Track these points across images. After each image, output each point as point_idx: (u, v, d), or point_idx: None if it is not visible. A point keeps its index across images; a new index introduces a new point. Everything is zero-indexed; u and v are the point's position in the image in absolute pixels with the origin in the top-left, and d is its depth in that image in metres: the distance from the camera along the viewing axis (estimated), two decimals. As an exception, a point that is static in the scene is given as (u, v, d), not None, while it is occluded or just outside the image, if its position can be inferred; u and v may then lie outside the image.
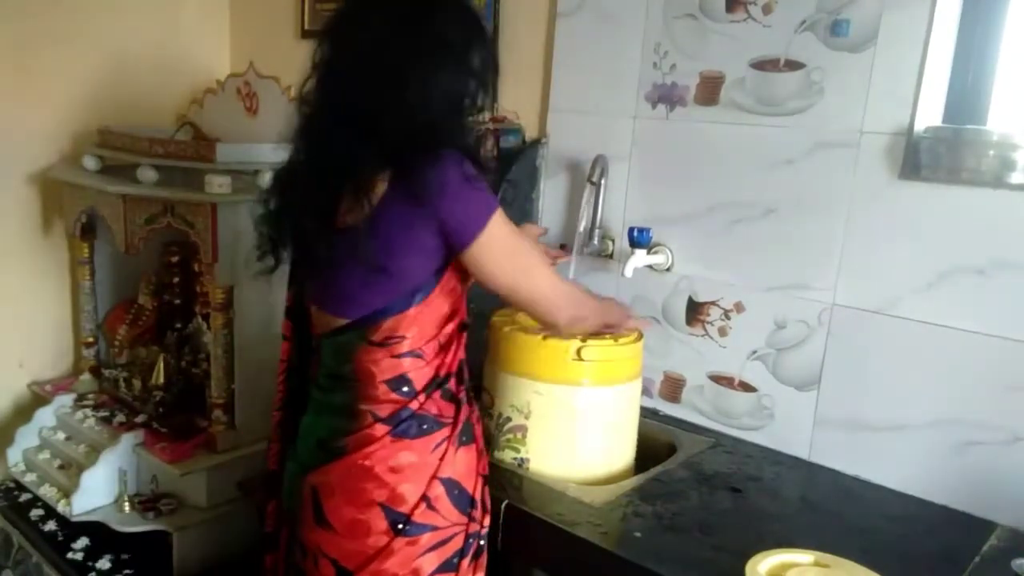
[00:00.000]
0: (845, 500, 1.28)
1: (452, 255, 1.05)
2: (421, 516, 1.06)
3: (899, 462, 1.31)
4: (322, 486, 1.09)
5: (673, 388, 1.58)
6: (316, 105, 1.06)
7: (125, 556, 1.71)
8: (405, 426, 1.06)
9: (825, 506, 1.27)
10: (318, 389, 1.15)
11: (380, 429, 1.06)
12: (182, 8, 2.23)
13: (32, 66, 1.96)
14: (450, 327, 1.10)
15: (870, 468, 1.34)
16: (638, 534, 1.13)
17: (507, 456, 1.32)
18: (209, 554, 1.72)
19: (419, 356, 1.07)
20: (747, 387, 1.48)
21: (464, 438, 1.12)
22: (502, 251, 1.05)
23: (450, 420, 1.10)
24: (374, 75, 1.00)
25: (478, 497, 1.13)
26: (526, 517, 1.18)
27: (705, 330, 1.53)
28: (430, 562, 1.07)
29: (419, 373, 1.07)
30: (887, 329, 1.30)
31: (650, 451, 1.45)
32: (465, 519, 1.11)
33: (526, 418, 1.30)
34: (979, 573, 1.09)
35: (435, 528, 1.07)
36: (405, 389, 1.07)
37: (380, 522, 1.05)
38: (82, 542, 1.74)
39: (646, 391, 1.62)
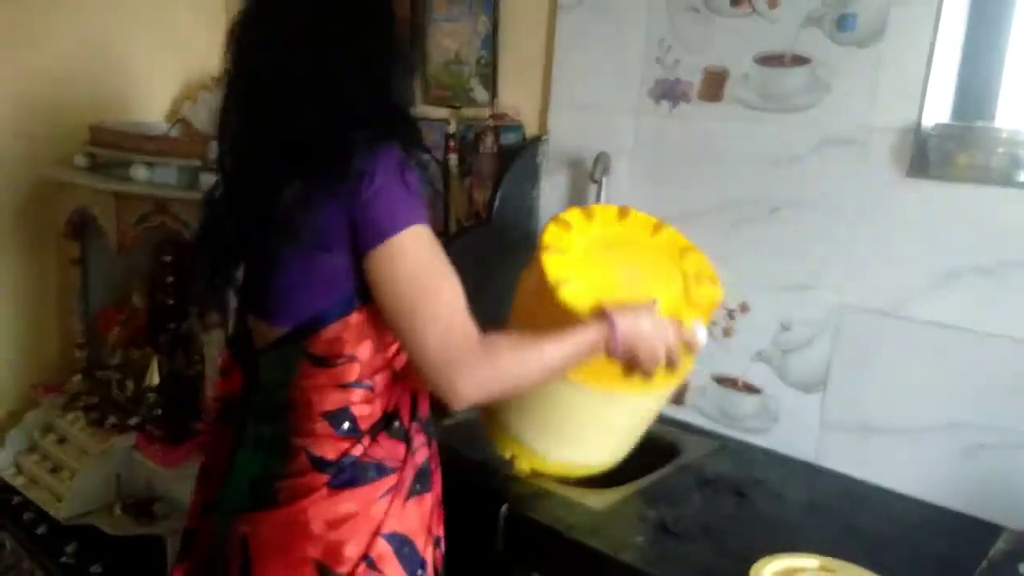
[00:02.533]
0: (851, 504, 1.26)
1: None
2: None
3: (906, 465, 1.29)
4: (251, 537, 0.95)
5: (677, 390, 1.56)
6: (243, 89, 0.96)
7: (117, 561, 1.69)
8: (347, 476, 0.92)
9: (831, 510, 1.25)
10: (252, 418, 1.00)
11: (318, 479, 0.92)
12: (176, 5, 2.21)
13: (23, 62, 1.93)
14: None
15: (877, 471, 1.32)
16: (640, 538, 1.11)
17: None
18: (203, 558, 1.70)
19: (368, 388, 0.94)
20: (752, 389, 1.46)
21: (417, 486, 0.98)
22: (402, 270, 0.87)
23: (398, 464, 0.96)
24: (312, 51, 0.90)
25: (428, 558, 0.99)
26: (526, 521, 1.16)
27: (709, 331, 1.50)
28: None
29: (365, 410, 0.94)
30: (895, 330, 1.28)
31: (653, 454, 1.43)
32: None
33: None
34: (988, 578, 1.07)
35: None
36: (346, 426, 0.93)
37: None
38: (74, 546, 1.72)
39: (648, 392, 1.60)
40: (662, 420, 1.55)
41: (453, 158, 1.82)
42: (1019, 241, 1.17)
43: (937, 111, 1.25)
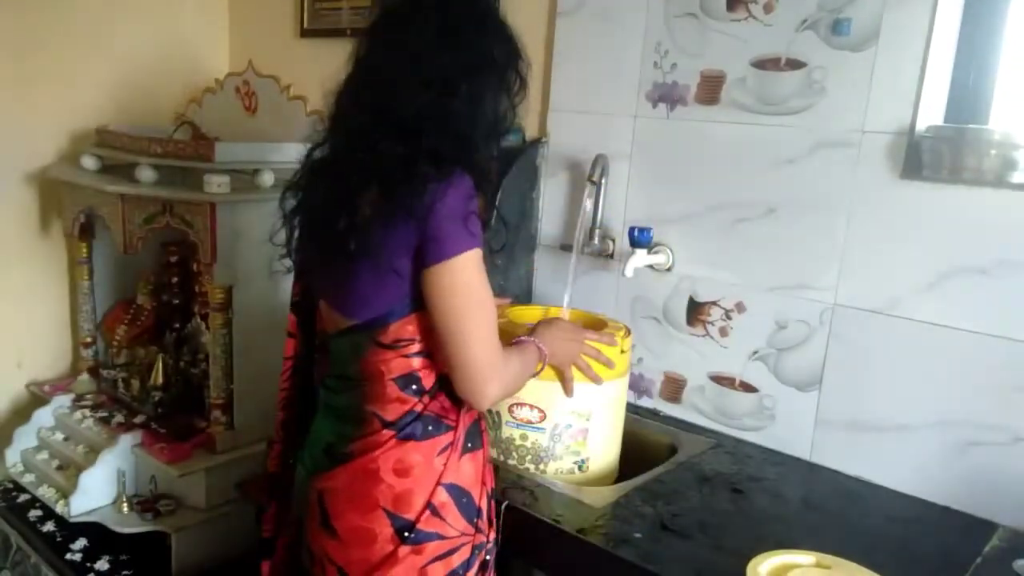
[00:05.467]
0: (846, 501, 1.28)
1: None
2: (427, 523, 1.04)
3: (901, 463, 1.30)
4: (327, 492, 1.08)
5: (674, 388, 1.58)
6: (353, 103, 1.05)
7: (124, 557, 1.71)
8: (411, 428, 1.05)
9: (826, 507, 1.26)
10: (325, 390, 1.14)
11: (386, 433, 1.05)
12: (181, 7, 2.23)
13: (30, 65, 1.95)
14: None
15: (872, 469, 1.33)
16: (638, 535, 1.12)
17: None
18: (208, 555, 1.72)
19: (427, 356, 1.06)
20: (748, 387, 1.47)
21: (469, 444, 1.10)
22: (455, 288, 0.99)
23: (454, 422, 1.08)
24: (421, 81, 1.00)
25: (484, 507, 1.11)
26: (526, 518, 1.17)
27: (706, 330, 1.52)
28: (436, 572, 1.05)
29: (427, 372, 1.06)
30: (889, 329, 1.30)
31: (650, 452, 1.45)
32: (472, 530, 1.08)
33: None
34: (981, 574, 1.08)
35: (442, 537, 1.05)
36: (414, 387, 1.06)
37: (385, 529, 1.04)
38: (80, 543, 1.74)
39: (646, 392, 1.62)
40: (660, 418, 1.57)
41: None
42: (1011, 242, 1.18)
43: (931, 114, 1.26)
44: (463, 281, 0.99)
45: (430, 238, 0.98)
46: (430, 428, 1.06)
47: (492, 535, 1.14)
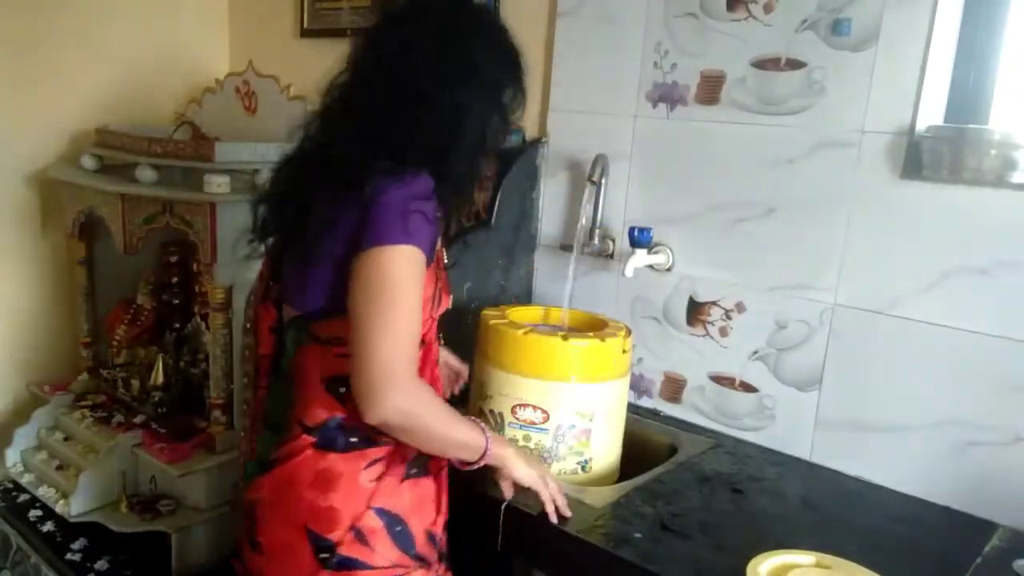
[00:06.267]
0: (846, 501, 1.28)
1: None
2: (350, 548, 0.96)
3: (901, 463, 1.30)
4: (255, 503, 1.03)
5: (674, 388, 1.58)
6: (332, 101, 1.04)
7: (124, 557, 1.70)
8: (331, 437, 0.98)
9: (826, 507, 1.26)
10: (269, 403, 1.09)
11: (305, 440, 0.99)
12: (181, 7, 2.23)
13: (30, 65, 1.95)
14: None
15: (871, 469, 1.33)
16: (638, 535, 1.12)
17: None
18: (208, 555, 1.72)
19: None
20: (748, 387, 1.47)
21: (415, 470, 1.02)
22: (370, 278, 0.91)
23: (388, 439, 0.99)
24: (401, 87, 0.97)
25: (423, 538, 1.02)
26: (526, 517, 1.17)
27: (706, 330, 1.52)
28: None
29: None
30: (889, 329, 1.30)
31: (651, 452, 1.45)
32: (410, 561, 1.00)
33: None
34: (981, 574, 1.08)
35: (368, 567, 0.97)
36: (341, 390, 0.97)
37: (305, 547, 0.96)
38: (80, 543, 1.73)
39: (646, 392, 1.62)
40: (660, 418, 1.57)
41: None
42: (1011, 242, 1.18)
43: (930, 114, 1.26)
44: (382, 274, 0.92)
45: (364, 225, 0.93)
46: (353, 440, 0.99)
47: (443, 570, 1.07)
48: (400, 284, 0.92)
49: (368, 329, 0.90)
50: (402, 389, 0.91)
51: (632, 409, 1.50)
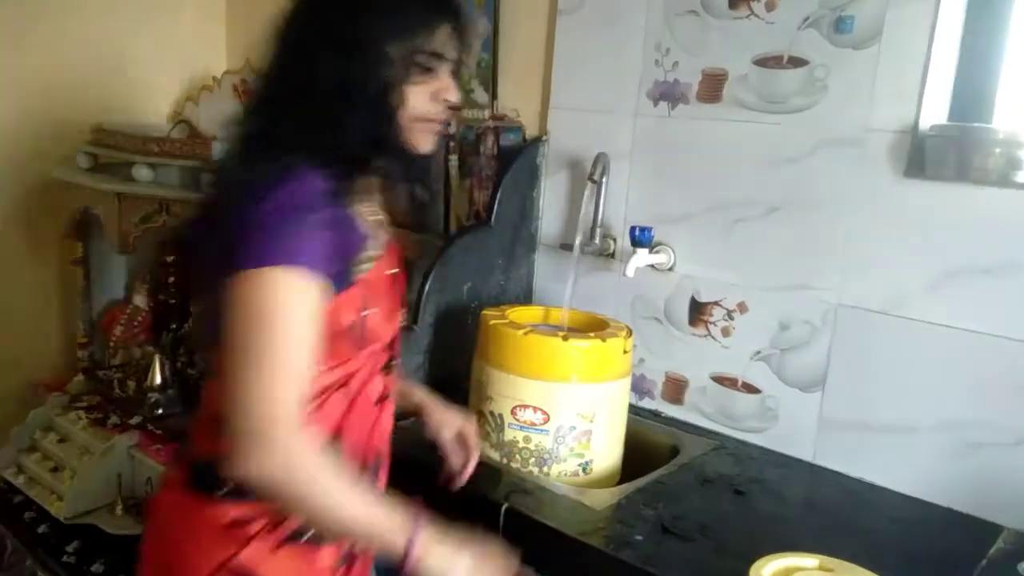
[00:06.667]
0: (850, 503, 1.27)
1: None
2: None
3: (905, 464, 1.29)
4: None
5: (675, 389, 1.57)
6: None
7: (119, 559, 1.69)
8: (197, 476, 0.85)
9: (830, 509, 1.25)
10: None
11: (176, 478, 0.88)
12: (178, 5, 2.22)
13: (25, 63, 1.94)
14: (315, 387, 0.83)
15: (875, 470, 1.32)
16: (639, 537, 1.11)
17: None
18: (204, 557, 1.71)
19: None
20: (751, 388, 1.46)
21: (308, 533, 0.85)
22: (239, 310, 0.77)
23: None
24: (281, 48, 0.89)
25: None
26: (525, 520, 1.16)
27: (708, 330, 1.51)
28: None
29: None
30: (893, 330, 1.29)
31: (652, 453, 1.44)
32: None
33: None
34: (986, 577, 1.08)
35: None
36: (222, 427, 0.81)
37: None
38: (75, 545, 1.72)
39: (648, 392, 1.60)
40: (661, 420, 1.56)
41: (454, 159, 1.83)
42: (1016, 241, 1.17)
43: (934, 112, 1.25)
44: (246, 302, 0.76)
45: (232, 244, 0.78)
46: (223, 490, 0.82)
47: None
48: (272, 314, 0.76)
49: (234, 368, 0.76)
50: (271, 444, 0.73)
51: (633, 410, 1.49)
